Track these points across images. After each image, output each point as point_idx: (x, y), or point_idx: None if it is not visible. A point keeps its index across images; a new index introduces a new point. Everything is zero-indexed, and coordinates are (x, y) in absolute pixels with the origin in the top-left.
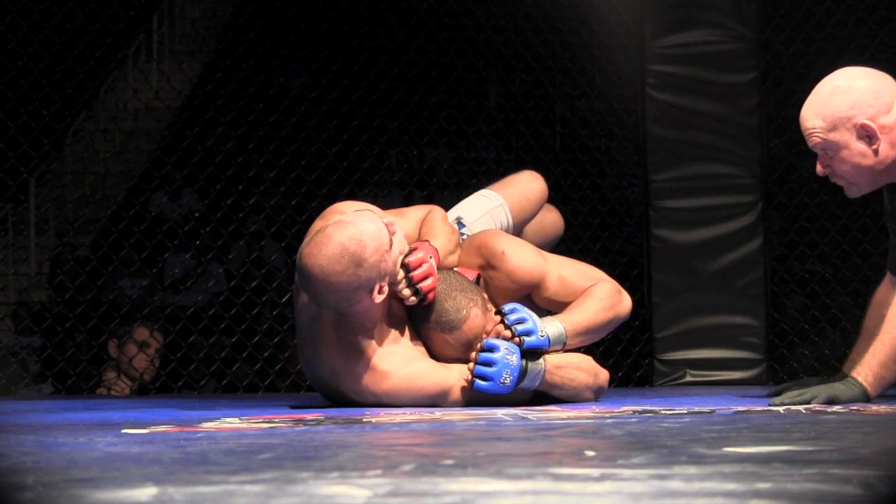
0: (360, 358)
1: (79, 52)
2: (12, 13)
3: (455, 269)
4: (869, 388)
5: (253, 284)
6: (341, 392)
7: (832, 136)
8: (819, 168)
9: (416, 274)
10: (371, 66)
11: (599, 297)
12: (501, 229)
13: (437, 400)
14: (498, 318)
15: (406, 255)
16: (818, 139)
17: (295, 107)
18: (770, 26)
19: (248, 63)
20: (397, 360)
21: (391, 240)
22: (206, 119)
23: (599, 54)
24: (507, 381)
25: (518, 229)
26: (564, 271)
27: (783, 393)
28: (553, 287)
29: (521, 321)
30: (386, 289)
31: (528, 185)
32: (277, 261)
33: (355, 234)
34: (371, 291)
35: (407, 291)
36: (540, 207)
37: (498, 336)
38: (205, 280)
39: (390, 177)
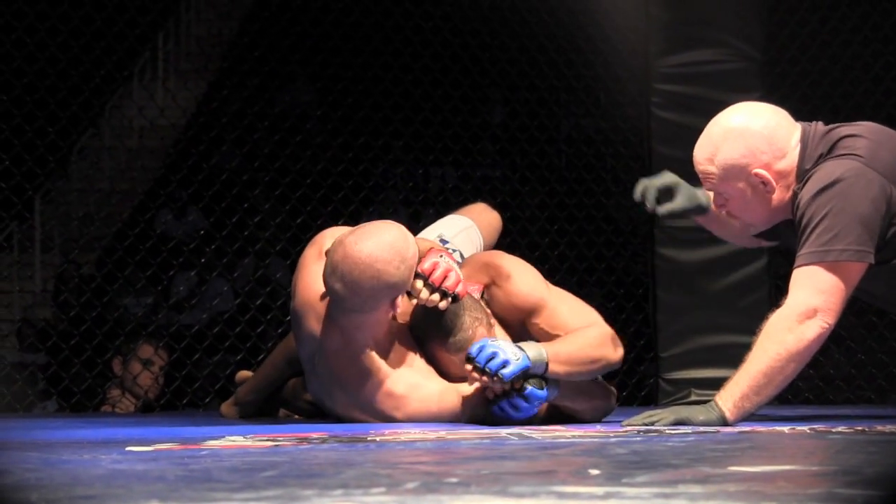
0: (375, 385)
1: (84, 69)
2: (18, 30)
3: None
4: (728, 415)
5: (258, 303)
6: (357, 419)
7: (726, 183)
8: (714, 207)
9: (435, 277)
10: (376, 85)
11: (588, 335)
12: (475, 247)
13: (453, 420)
14: (469, 366)
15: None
16: (711, 184)
17: (300, 125)
18: (775, 45)
19: (253, 81)
20: (412, 382)
21: (418, 254)
22: (211, 137)
23: (604, 73)
24: (532, 412)
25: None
26: (563, 307)
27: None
28: (546, 318)
29: (491, 357)
30: (401, 303)
31: (489, 213)
32: (283, 279)
33: (400, 234)
34: (394, 300)
35: (435, 297)
36: (498, 235)
37: (475, 383)
38: (209, 298)
39: (395, 195)
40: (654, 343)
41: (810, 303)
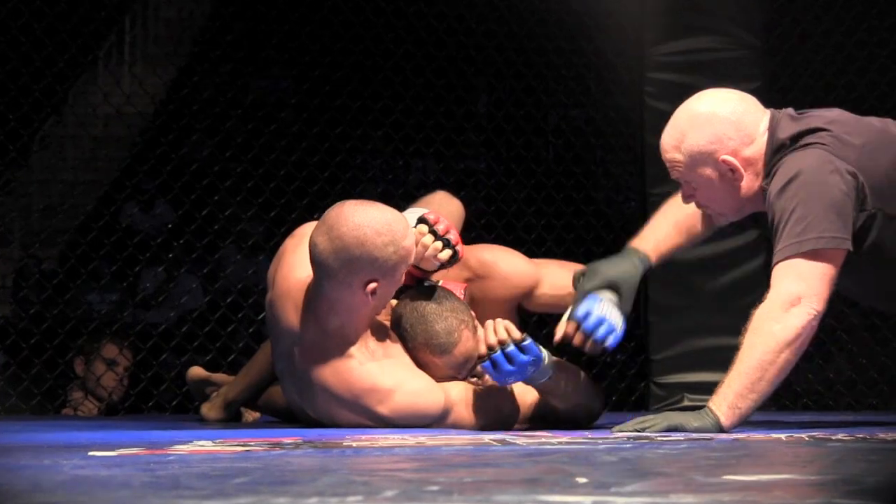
0: (357, 378)
1: (47, 54)
2: None
3: (440, 282)
4: (723, 419)
5: (228, 300)
6: (337, 419)
7: (693, 171)
8: (682, 198)
9: (440, 228)
10: (355, 72)
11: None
12: None
13: (437, 419)
14: (572, 325)
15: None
16: (679, 173)
17: (274, 113)
18: (775, 33)
19: (225, 67)
20: (398, 376)
21: (413, 254)
22: (180, 126)
23: (596, 61)
24: (524, 373)
25: None
26: (552, 274)
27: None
28: (547, 291)
29: (599, 324)
30: (375, 296)
31: (451, 203)
32: (254, 276)
33: (404, 223)
34: (366, 284)
35: (438, 244)
36: (462, 224)
37: (578, 345)
38: (178, 295)
39: (374, 188)
40: (646, 345)
41: (793, 290)
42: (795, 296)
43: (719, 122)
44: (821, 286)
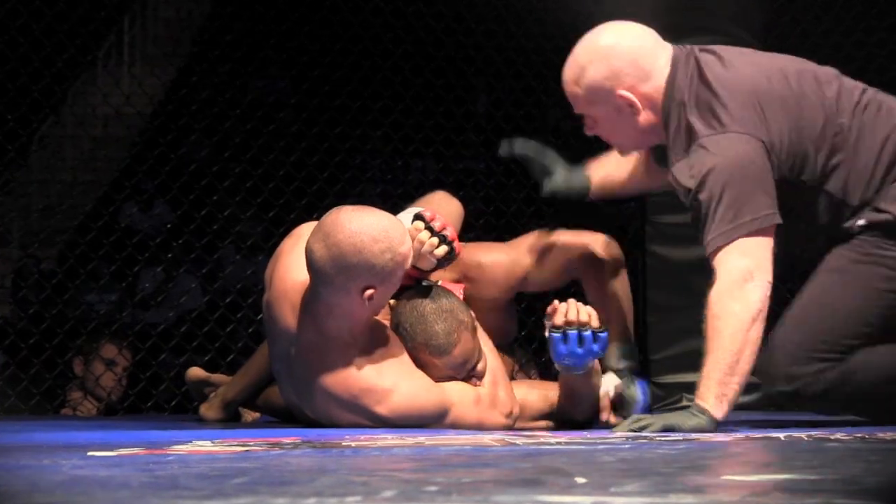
0: (355, 379)
1: (46, 54)
2: None
3: (439, 282)
4: (714, 412)
5: (227, 300)
6: (335, 419)
7: (593, 105)
8: (586, 129)
9: (436, 225)
10: (354, 72)
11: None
12: None
13: (435, 419)
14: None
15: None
16: (579, 108)
17: (273, 114)
18: (775, 33)
19: (224, 67)
20: (397, 376)
21: (410, 259)
22: (179, 126)
23: None
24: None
25: None
26: (537, 254)
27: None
28: (537, 274)
29: (643, 402)
30: (373, 302)
31: (450, 203)
32: (253, 276)
33: (401, 229)
34: (363, 290)
35: (435, 240)
36: (461, 224)
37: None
38: (176, 295)
39: (373, 188)
40: (644, 345)
41: (742, 267)
42: (746, 271)
43: (617, 58)
44: (765, 257)
